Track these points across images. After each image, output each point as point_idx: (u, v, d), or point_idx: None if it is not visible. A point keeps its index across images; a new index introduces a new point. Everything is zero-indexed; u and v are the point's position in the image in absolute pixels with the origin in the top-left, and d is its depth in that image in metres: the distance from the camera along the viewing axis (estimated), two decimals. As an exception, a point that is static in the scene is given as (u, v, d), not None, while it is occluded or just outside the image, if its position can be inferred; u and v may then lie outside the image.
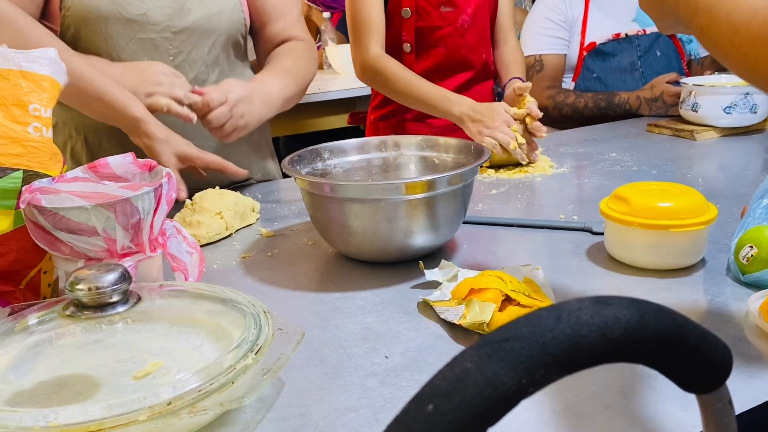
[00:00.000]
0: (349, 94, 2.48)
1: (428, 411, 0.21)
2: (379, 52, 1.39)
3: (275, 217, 1.06)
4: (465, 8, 1.45)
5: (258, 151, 1.31)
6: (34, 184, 0.68)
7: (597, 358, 0.23)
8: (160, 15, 1.11)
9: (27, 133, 0.69)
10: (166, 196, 0.69)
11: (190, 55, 1.15)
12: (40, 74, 0.70)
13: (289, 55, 1.23)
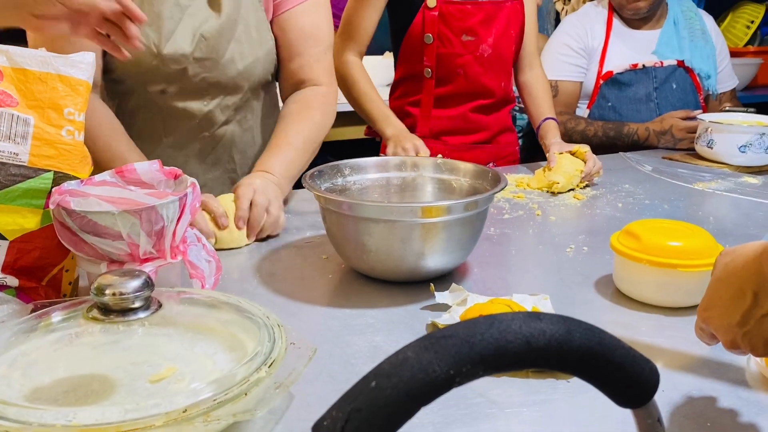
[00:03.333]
0: (368, 107, 2.50)
1: (371, 386, 0.26)
2: (351, 59, 1.45)
3: (291, 227, 1.08)
4: (486, 38, 1.47)
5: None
6: (63, 186, 0.70)
7: (521, 362, 0.28)
8: (198, 70, 1.09)
9: (60, 135, 0.72)
10: (190, 206, 0.71)
11: (223, 101, 1.15)
12: (77, 78, 0.73)
13: (299, 115, 1.17)
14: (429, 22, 1.43)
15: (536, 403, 0.59)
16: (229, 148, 1.20)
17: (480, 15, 1.45)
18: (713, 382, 0.63)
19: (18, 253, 0.71)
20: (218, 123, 1.16)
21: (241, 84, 1.15)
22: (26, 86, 0.71)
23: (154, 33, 1.04)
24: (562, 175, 1.32)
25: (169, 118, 1.13)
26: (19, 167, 0.69)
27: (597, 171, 1.37)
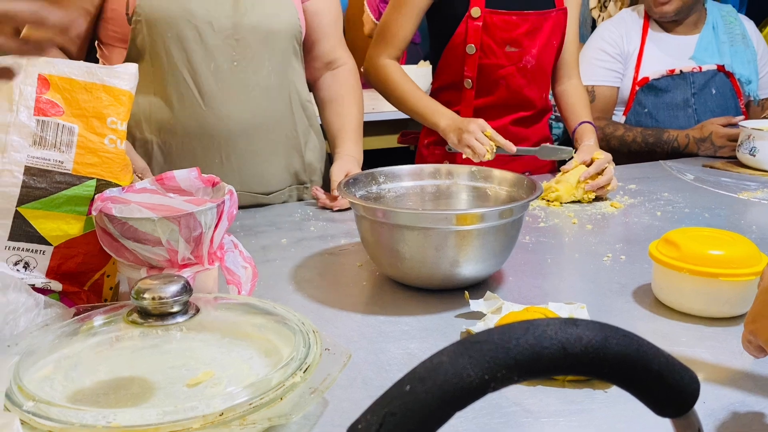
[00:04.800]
0: (402, 114, 2.50)
1: (405, 390, 0.26)
2: (388, 62, 1.44)
3: (326, 235, 1.09)
4: (530, 49, 1.45)
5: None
6: (105, 193, 0.72)
7: (556, 368, 0.27)
8: (224, 22, 1.16)
9: (103, 144, 0.73)
10: (228, 213, 0.72)
11: (253, 60, 1.20)
12: (121, 89, 0.75)
13: (348, 98, 1.36)
14: (472, 32, 1.41)
15: (573, 413, 0.59)
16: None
17: (525, 26, 1.43)
18: (758, 396, 0.61)
19: (62, 258, 0.74)
20: (250, 82, 1.24)
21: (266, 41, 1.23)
22: (72, 96, 0.73)
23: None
24: (563, 184, 1.29)
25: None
26: (64, 175, 0.71)
27: (607, 183, 1.30)
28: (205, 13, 1.15)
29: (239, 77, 1.19)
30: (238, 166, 1.22)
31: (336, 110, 1.36)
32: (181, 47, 1.14)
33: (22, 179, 0.69)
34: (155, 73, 1.16)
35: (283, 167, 1.28)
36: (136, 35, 1.15)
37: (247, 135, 1.21)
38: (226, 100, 1.18)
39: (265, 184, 1.26)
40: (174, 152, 1.19)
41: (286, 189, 1.30)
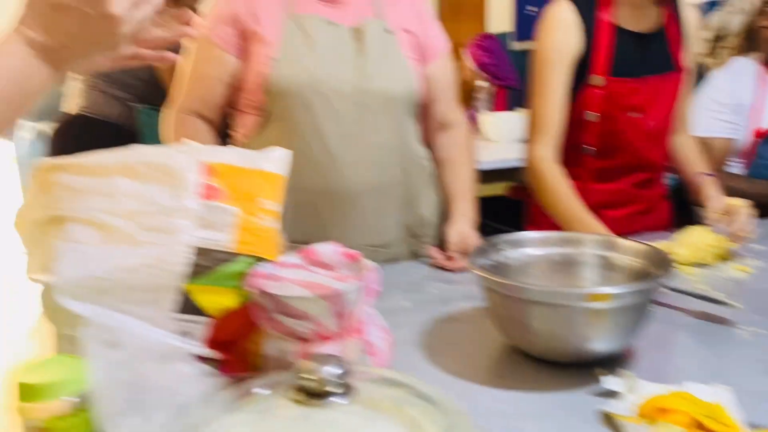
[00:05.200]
0: (505, 164, 2.53)
1: None
2: (545, 155, 1.39)
3: (447, 297, 1.12)
4: (653, 113, 1.42)
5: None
6: (259, 269, 0.78)
7: None
8: (348, 88, 1.24)
9: (258, 224, 0.80)
10: (370, 289, 0.76)
11: (374, 122, 1.27)
12: (273, 173, 0.82)
13: (462, 159, 1.42)
14: (593, 99, 1.39)
15: None
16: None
17: (648, 91, 1.41)
18: None
19: (218, 329, 0.80)
20: (369, 143, 1.32)
21: (387, 104, 1.31)
22: (231, 180, 0.80)
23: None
24: (687, 247, 1.24)
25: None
26: (224, 253, 0.78)
27: (740, 231, 1.26)
28: (332, 80, 1.24)
29: (361, 138, 1.26)
30: (358, 220, 1.28)
31: (450, 170, 1.41)
32: (308, 112, 1.23)
33: (189, 258, 0.76)
34: (285, 136, 1.24)
35: (399, 221, 1.33)
36: (269, 102, 1.24)
37: (367, 192, 1.27)
38: (348, 160, 1.25)
39: (381, 237, 1.32)
40: (300, 209, 1.26)
41: (401, 242, 1.35)
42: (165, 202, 0.76)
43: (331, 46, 1.26)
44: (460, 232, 1.27)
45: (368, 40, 1.27)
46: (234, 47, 1.27)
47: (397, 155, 1.31)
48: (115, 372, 0.68)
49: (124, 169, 0.78)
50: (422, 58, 1.36)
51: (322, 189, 1.25)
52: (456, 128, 1.44)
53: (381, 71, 1.28)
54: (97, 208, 0.75)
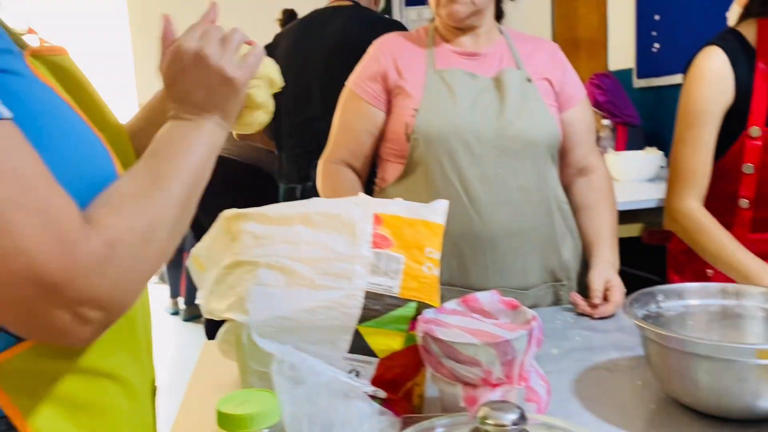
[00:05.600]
0: (632, 205, 2.46)
1: None
2: (695, 206, 1.37)
3: (594, 346, 1.11)
4: None
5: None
6: (425, 315, 0.83)
7: None
8: (489, 133, 1.29)
9: (422, 271, 0.85)
10: (536, 338, 0.79)
11: (516, 166, 1.30)
12: (435, 223, 0.87)
13: (602, 204, 1.42)
14: (750, 151, 1.35)
15: None
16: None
17: None
18: None
19: (384, 369, 0.85)
20: (511, 186, 1.34)
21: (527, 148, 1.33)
22: (398, 230, 0.86)
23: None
24: None
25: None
26: (393, 298, 0.83)
27: None
28: (473, 127, 1.28)
29: (501, 181, 1.29)
30: (501, 264, 1.30)
31: (591, 216, 1.41)
32: (451, 158, 1.28)
33: (363, 302, 0.82)
34: (428, 181, 1.30)
35: (541, 265, 1.34)
36: (413, 150, 1.30)
37: (509, 236, 1.29)
38: (490, 203, 1.28)
39: (523, 281, 1.33)
40: (444, 251, 1.30)
41: (543, 285, 1.36)
42: (341, 249, 0.83)
43: (472, 95, 1.32)
44: (604, 279, 1.26)
45: (508, 88, 1.32)
46: (380, 102, 1.37)
47: (537, 198, 1.33)
48: (302, 406, 0.75)
49: (304, 219, 0.85)
50: (560, 105, 1.39)
51: (464, 232, 1.28)
52: (595, 173, 1.44)
53: (521, 116, 1.31)
54: (282, 254, 0.83)
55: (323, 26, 2.21)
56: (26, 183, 0.50)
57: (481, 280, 1.29)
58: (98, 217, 0.55)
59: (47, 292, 0.51)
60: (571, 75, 1.43)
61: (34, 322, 0.53)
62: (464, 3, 1.32)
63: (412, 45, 1.40)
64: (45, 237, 0.50)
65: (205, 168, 0.70)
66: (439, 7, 1.35)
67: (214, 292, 0.89)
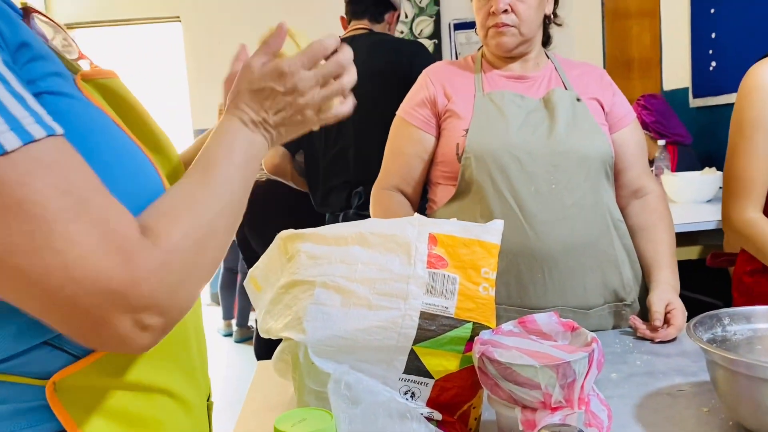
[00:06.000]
0: (690, 227, 2.38)
1: None
2: (755, 217, 1.34)
3: (655, 371, 1.08)
4: None
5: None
6: (482, 336, 0.82)
7: None
8: (541, 150, 1.28)
9: (478, 291, 0.84)
10: (597, 361, 0.77)
11: (570, 182, 1.28)
12: (491, 243, 0.86)
13: (660, 225, 1.38)
14: None
15: None
16: None
17: None
18: None
19: (440, 390, 0.84)
20: (567, 203, 1.32)
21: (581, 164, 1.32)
22: (454, 250, 0.85)
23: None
24: None
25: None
26: (448, 318, 0.83)
27: None
28: (524, 143, 1.28)
29: (557, 199, 1.27)
30: (559, 282, 1.27)
31: (648, 238, 1.37)
32: (504, 175, 1.27)
33: (418, 322, 0.82)
34: (482, 200, 1.29)
35: (601, 284, 1.31)
36: (465, 170, 1.30)
37: (566, 252, 1.27)
38: (546, 220, 1.26)
39: (584, 300, 1.30)
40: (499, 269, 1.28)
41: (605, 306, 1.32)
42: (397, 269, 0.83)
43: (522, 115, 1.31)
44: (665, 301, 1.23)
45: (557, 107, 1.31)
46: (430, 126, 1.38)
47: (593, 215, 1.30)
48: (359, 426, 0.75)
49: (359, 239, 0.86)
50: (611, 126, 1.38)
51: (521, 249, 1.27)
52: (650, 194, 1.41)
53: (572, 133, 1.30)
54: (338, 274, 0.83)
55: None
56: (83, 195, 0.52)
57: (540, 299, 1.27)
58: (154, 226, 0.57)
59: (109, 300, 0.52)
60: (620, 97, 1.43)
61: (97, 331, 0.54)
62: (512, 34, 1.33)
63: (461, 71, 1.42)
64: (105, 246, 0.52)
65: (254, 170, 0.71)
66: (487, 38, 1.37)
67: (270, 312, 0.91)
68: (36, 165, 0.50)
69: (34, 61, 0.56)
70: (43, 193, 0.50)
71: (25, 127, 0.50)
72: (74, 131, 0.56)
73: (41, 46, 0.59)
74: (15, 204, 0.49)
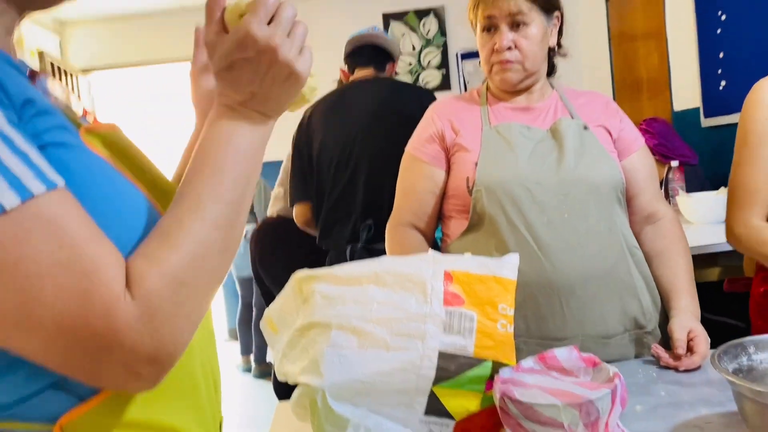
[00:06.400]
0: (708, 249, 2.35)
1: None
2: (760, 225, 1.34)
3: (681, 402, 1.05)
4: None
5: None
6: (502, 374, 0.81)
7: None
8: (551, 179, 1.27)
9: (496, 328, 0.83)
10: (620, 397, 0.75)
11: (582, 210, 1.27)
12: (508, 278, 0.85)
13: (675, 250, 1.37)
14: None
15: None
16: None
17: None
18: None
19: (462, 431, 0.83)
20: (580, 230, 1.30)
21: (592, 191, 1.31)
22: (470, 287, 0.85)
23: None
24: None
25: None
26: (467, 358, 0.82)
27: None
28: (534, 174, 1.28)
29: (570, 228, 1.27)
30: (578, 311, 1.26)
31: (664, 263, 1.36)
32: (515, 206, 1.27)
33: (437, 363, 0.81)
34: (495, 232, 1.28)
35: (620, 311, 1.29)
36: (476, 203, 1.30)
37: (583, 281, 1.25)
38: (560, 249, 1.25)
39: (604, 329, 1.28)
40: (516, 301, 1.26)
41: (626, 334, 1.30)
42: (413, 308, 0.82)
43: (530, 146, 1.31)
44: (686, 329, 1.20)
45: (565, 136, 1.31)
46: (440, 161, 1.39)
47: (607, 242, 1.29)
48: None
49: (374, 279, 0.86)
50: (619, 153, 1.38)
51: (537, 280, 1.25)
52: (663, 219, 1.40)
53: (581, 161, 1.30)
54: (353, 314, 0.83)
55: (356, 97, 2.28)
56: (77, 246, 0.53)
57: (559, 329, 1.25)
58: (133, 270, 0.57)
59: (98, 353, 0.54)
60: (628, 123, 1.43)
61: (95, 375, 0.57)
62: (516, 70, 1.34)
63: (466, 105, 1.43)
64: (90, 302, 0.53)
65: (255, 168, 0.68)
66: (492, 73, 1.38)
67: (287, 355, 0.90)
68: (34, 222, 0.52)
69: (38, 116, 0.58)
70: (38, 249, 0.52)
71: (24, 183, 0.52)
72: (76, 179, 0.58)
73: (45, 102, 0.61)
74: (12, 263, 0.51)
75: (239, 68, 0.65)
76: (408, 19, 4.93)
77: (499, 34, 1.33)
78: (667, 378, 1.17)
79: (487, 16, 1.34)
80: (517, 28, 1.33)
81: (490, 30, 1.35)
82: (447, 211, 1.41)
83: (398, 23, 4.91)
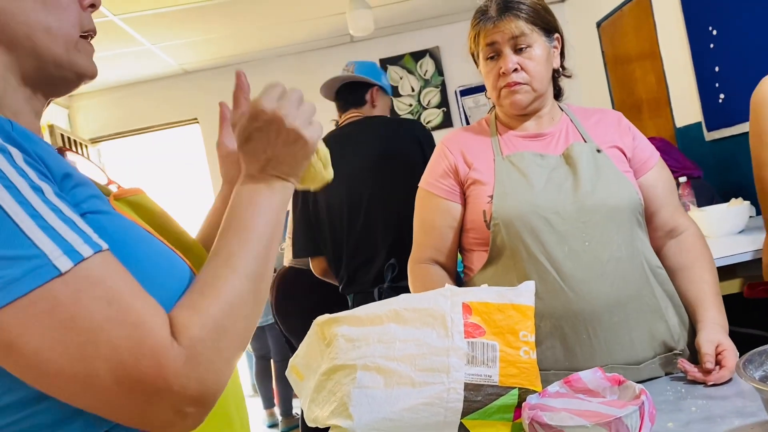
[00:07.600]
0: (727, 261, 2.34)
1: None
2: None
3: (713, 416, 1.04)
4: None
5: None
6: (529, 401, 0.81)
7: None
8: (569, 208, 1.27)
9: (519, 356, 0.84)
10: (648, 413, 0.75)
11: (602, 237, 1.27)
12: (526, 305, 0.86)
13: (699, 263, 1.36)
14: None
15: None
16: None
17: None
18: None
19: (494, 461, 0.83)
20: (604, 258, 1.30)
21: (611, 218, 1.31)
22: (489, 317, 0.86)
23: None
24: None
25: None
26: (493, 387, 0.82)
27: None
28: (551, 204, 1.28)
29: (592, 256, 1.26)
30: (605, 340, 1.25)
31: (689, 277, 1.35)
32: (535, 238, 1.26)
33: (464, 395, 0.81)
34: (516, 264, 1.28)
35: (648, 336, 1.28)
36: (496, 236, 1.30)
37: (609, 309, 1.25)
38: (583, 278, 1.25)
39: (633, 355, 1.26)
40: (543, 333, 1.26)
41: (656, 358, 1.28)
42: (435, 343, 0.84)
43: (544, 174, 1.32)
44: (714, 342, 1.19)
45: (579, 162, 1.31)
46: (455, 195, 1.39)
47: (630, 266, 1.28)
48: None
49: (394, 317, 0.87)
50: (636, 171, 1.38)
51: (563, 312, 1.25)
52: (685, 232, 1.40)
53: (597, 186, 1.30)
54: (377, 354, 0.84)
55: (349, 140, 2.29)
56: (124, 302, 0.58)
57: (588, 360, 1.23)
58: (177, 321, 0.62)
59: (150, 399, 0.58)
60: (641, 140, 1.42)
61: (145, 420, 0.60)
62: (525, 92, 1.35)
63: (476, 136, 1.44)
64: (141, 351, 0.58)
65: (277, 226, 0.74)
66: (500, 98, 1.38)
67: (315, 400, 0.91)
68: (85, 282, 0.57)
69: (76, 187, 0.64)
70: (91, 306, 0.57)
71: (75, 248, 0.57)
72: (115, 243, 0.63)
73: (80, 174, 0.66)
74: (69, 319, 0.56)
75: (255, 139, 0.74)
76: (405, 62, 5.03)
77: (503, 58, 1.34)
78: (697, 393, 1.16)
79: (489, 43, 1.36)
80: (520, 51, 1.34)
81: (494, 57, 1.36)
82: (467, 244, 1.41)
83: (396, 67, 5.01)
